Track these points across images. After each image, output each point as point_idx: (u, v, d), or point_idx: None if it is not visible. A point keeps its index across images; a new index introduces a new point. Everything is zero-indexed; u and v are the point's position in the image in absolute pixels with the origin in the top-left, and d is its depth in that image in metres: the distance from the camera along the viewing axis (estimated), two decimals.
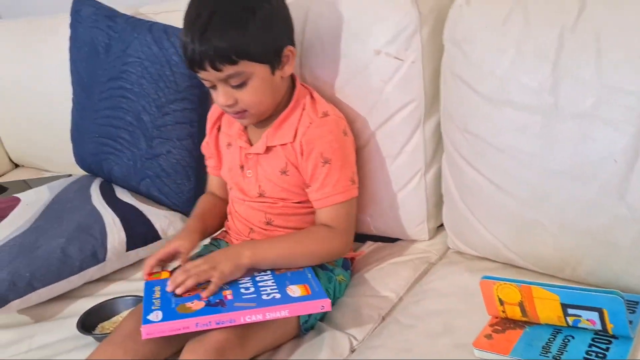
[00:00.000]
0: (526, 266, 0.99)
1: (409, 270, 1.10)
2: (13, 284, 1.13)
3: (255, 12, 0.97)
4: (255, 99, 1.01)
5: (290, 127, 1.05)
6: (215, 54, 0.95)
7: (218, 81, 0.99)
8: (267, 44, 0.99)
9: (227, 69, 0.96)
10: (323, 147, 1.02)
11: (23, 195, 1.44)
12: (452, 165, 1.05)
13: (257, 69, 0.99)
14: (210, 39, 0.94)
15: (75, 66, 1.47)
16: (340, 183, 1.03)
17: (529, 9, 0.92)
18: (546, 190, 0.91)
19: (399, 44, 1.06)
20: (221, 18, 0.95)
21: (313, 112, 1.05)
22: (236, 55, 0.96)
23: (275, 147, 1.06)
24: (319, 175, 1.02)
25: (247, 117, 1.04)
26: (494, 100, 0.94)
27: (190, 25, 0.97)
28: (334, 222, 1.03)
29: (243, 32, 0.95)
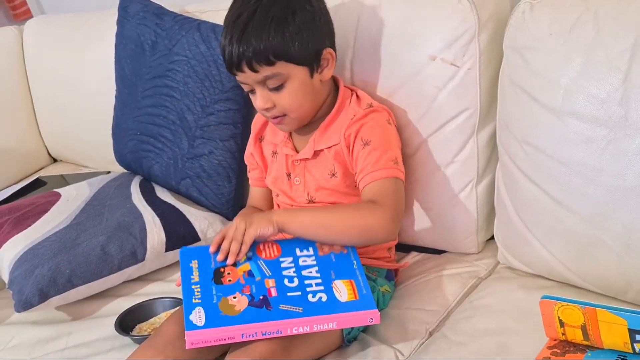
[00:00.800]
0: (585, 286, 0.95)
1: (457, 284, 1.06)
2: (53, 280, 1.12)
3: (295, 14, 0.96)
4: (294, 102, 0.99)
5: (337, 130, 1.04)
6: (252, 54, 0.94)
7: (256, 84, 0.98)
8: (306, 45, 0.98)
9: (264, 70, 0.96)
10: (363, 132, 1.00)
11: (63, 190, 1.44)
12: (508, 177, 1.01)
13: (295, 71, 0.97)
14: (248, 39, 0.94)
15: (119, 63, 1.46)
16: (381, 161, 0.98)
17: (599, 16, 0.87)
18: (611, 207, 0.86)
19: (456, 50, 1.02)
20: (261, 18, 0.95)
21: (357, 107, 1.04)
22: (274, 56, 0.95)
23: (322, 150, 1.04)
24: (360, 158, 1.00)
25: (286, 123, 1.03)
26: (557, 111, 0.90)
27: (230, 25, 0.97)
28: (376, 197, 0.96)
29: (282, 32, 0.95)
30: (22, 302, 1.11)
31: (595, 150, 0.86)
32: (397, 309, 1.04)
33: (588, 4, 0.89)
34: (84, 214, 1.30)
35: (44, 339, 1.12)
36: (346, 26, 1.12)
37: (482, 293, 1.02)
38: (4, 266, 1.21)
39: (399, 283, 1.11)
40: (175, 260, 1.27)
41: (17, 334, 1.15)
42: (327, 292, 0.89)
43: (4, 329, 1.18)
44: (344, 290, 0.90)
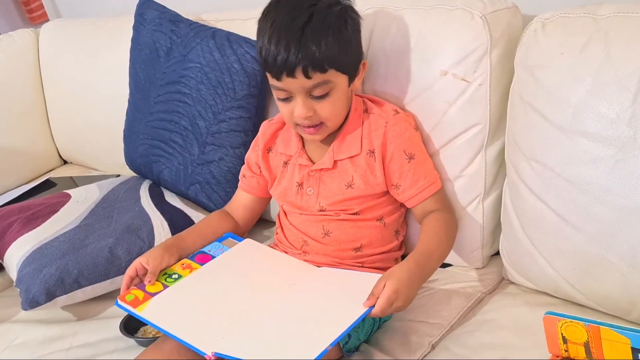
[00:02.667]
0: (589, 305, 0.95)
1: (461, 298, 1.07)
2: (61, 280, 1.13)
3: (347, 23, 0.98)
4: (334, 110, 1.01)
5: (354, 139, 1.05)
6: (310, 60, 0.93)
7: (300, 90, 0.97)
8: (354, 54, 1.00)
9: (316, 77, 0.95)
10: (404, 144, 1.03)
11: (73, 192, 1.45)
12: (515, 194, 1.01)
13: (340, 80, 0.99)
14: (307, 44, 0.93)
15: (134, 68, 1.48)
16: (430, 174, 1.05)
17: (610, 37, 0.88)
18: (617, 227, 0.86)
19: (467, 65, 1.03)
20: (318, 25, 0.94)
21: (384, 112, 1.05)
22: (328, 63, 0.95)
23: (342, 160, 1.05)
24: (408, 172, 1.03)
25: (321, 132, 1.03)
26: (566, 130, 0.91)
27: (281, 29, 0.94)
28: (439, 205, 1.04)
29: (338, 40, 0.95)
30: (29, 301, 1.12)
31: (603, 169, 0.87)
32: (400, 321, 1.04)
33: (599, 24, 0.90)
34: (93, 216, 1.31)
35: (49, 338, 1.13)
36: None
37: (486, 308, 1.02)
38: (12, 264, 1.22)
39: None
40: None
41: (22, 333, 1.16)
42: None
43: (9, 326, 1.19)
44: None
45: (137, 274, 1.02)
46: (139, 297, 0.94)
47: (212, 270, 1.03)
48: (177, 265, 1.03)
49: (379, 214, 1.07)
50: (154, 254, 1.03)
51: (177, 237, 1.12)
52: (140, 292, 0.96)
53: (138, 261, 1.02)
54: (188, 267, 1.02)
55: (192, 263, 1.04)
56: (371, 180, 1.05)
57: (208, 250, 1.07)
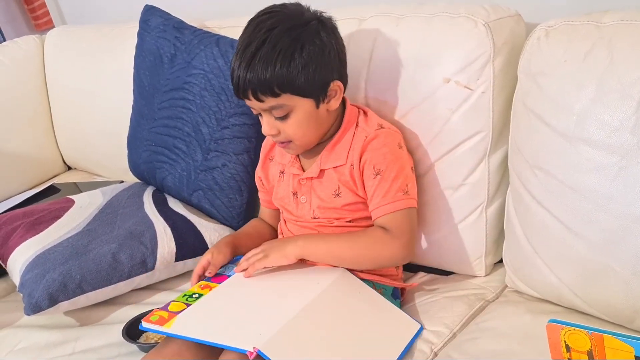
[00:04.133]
0: (592, 313, 0.94)
1: (464, 305, 1.06)
2: (64, 285, 1.14)
3: (303, 47, 0.97)
4: (299, 131, 1.01)
5: (342, 150, 1.05)
6: (258, 84, 0.96)
7: (262, 111, 1.01)
8: (312, 79, 0.98)
9: (269, 101, 0.98)
10: (375, 160, 1.02)
11: (77, 197, 1.46)
12: (518, 202, 1.01)
13: (300, 103, 0.99)
14: (255, 69, 0.95)
15: (138, 74, 1.49)
16: (389, 194, 1.01)
17: (613, 44, 0.88)
18: (621, 235, 0.86)
19: (470, 73, 1.03)
20: (269, 49, 0.95)
21: (367, 127, 1.05)
22: (278, 88, 0.96)
23: (328, 169, 1.06)
24: (371, 188, 1.02)
25: (292, 148, 1.05)
26: (570, 137, 0.90)
27: (240, 52, 0.98)
28: (389, 226, 1.01)
29: (287, 65, 0.96)
30: (32, 306, 1.12)
31: (607, 177, 0.87)
32: None
33: (602, 32, 0.91)
34: (96, 221, 1.32)
35: (51, 343, 1.13)
36: (362, 46, 1.14)
37: (489, 316, 1.02)
38: (15, 269, 1.22)
39: (406, 302, 1.11)
40: (185, 270, 1.28)
41: (25, 338, 1.16)
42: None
43: (12, 331, 1.19)
44: None
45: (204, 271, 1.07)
46: (164, 317, 0.94)
47: (232, 283, 1.03)
48: (195, 286, 1.04)
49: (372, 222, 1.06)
50: (219, 249, 1.10)
51: (234, 236, 1.18)
52: (165, 312, 0.95)
53: (205, 258, 1.08)
54: (207, 287, 1.03)
55: (210, 283, 1.04)
56: (355, 191, 1.05)
57: (222, 271, 1.07)
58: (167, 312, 0.95)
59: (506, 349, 0.91)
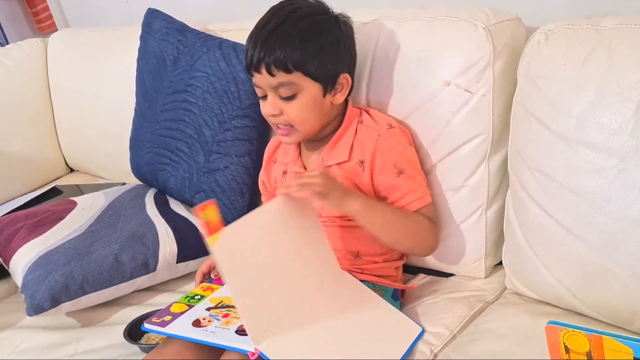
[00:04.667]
0: (591, 315, 0.95)
1: (464, 307, 1.07)
2: (66, 286, 1.14)
3: (322, 33, 1.00)
4: (302, 114, 1.02)
5: (344, 146, 1.06)
6: (273, 57, 0.97)
7: (269, 88, 1.01)
8: (325, 64, 1.01)
9: (280, 76, 0.99)
10: (394, 158, 1.03)
11: (79, 199, 1.46)
12: (518, 204, 1.02)
13: (309, 85, 1.01)
14: (272, 44, 0.98)
15: (141, 77, 1.50)
16: (419, 190, 1.04)
17: (613, 48, 0.89)
18: (620, 237, 0.87)
19: (471, 76, 1.04)
20: (288, 28, 0.98)
21: (377, 125, 1.06)
22: (292, 65, 0.98)
23: (331, 166, 1.06)
24: (396, 186, 1.03)
25: (291, 135, 1.05)
26: (569, 140, 0.91)
27: (257, 29, 1.01)
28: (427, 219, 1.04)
29: (304, 46, 0.98)
30: (34, 307, 1.13)
31: (606, 179, 0.87)
32: None
33: (602, 36, 0.91)
34: (98, 223, 1.32)
35: (53, 344, 1.14)
36: (364, 48, 1.15)
37: (488, 317, 1.02)
38: (18, 270, 1.23)
39: (405, 304, 1.12)
40: (187, 272, 1.29)
41: (26, 339, 1.17)
42: None
43: (14, 332, 1.20)
44: None
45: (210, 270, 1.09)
46: (166, 319, 0.95)
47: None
48: (198, 288, 1.05)
49: None
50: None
51: None
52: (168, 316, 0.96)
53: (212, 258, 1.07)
54: (209, 289, 1.04)
55: (212, 285, 1.06)
56: (359, 188, 1.05)
57: None
58: (169, 316, 0.96)
59: (505, 350, 0.91)
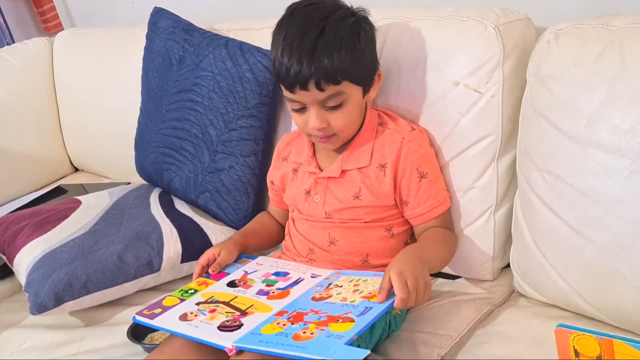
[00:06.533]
0: (601, 318, 0.93)
1: (471, 310, 1.05)
2: (69, 285, 1.13)
3: (360, 34, 0.99)
4: (348, 121, 1.01)
5: (365, 151, 1.05)
6: (323, 73, 0.94)
7: (313, 102, 0.98)
8: (368, 66, 1.01)
9: (329, 89, 0.96)
10: (417, 162, 1.03)
11: (84, 198, 1.46)
12: (527, 206, 1.00)
13: (354, 91, 1.00)
14: (320, 58, 0.93)
15: (147, 76, 1.49)
16: (440, 194, 1.05)
17: (624, 48, 0.88)
18: (630, 240, 0.85)
19: (480, 76, 1.03)
20: (331, 37, 0.95)
21: (400, 128, 1.05)
22: (341, 76, 0.96)
23: (351, 170, 1.05)
24: (418, 191, 1.03)
25: (333, 142, 1.04)
26: (579, 141, 0.90)
27: (294, 43, 0.95)
28: (446, 224, 1.07)
29: (351, 52, 0.96)
30: (38, 305, 1.12)
31: (617, 181, 0.86)
32: (408, 332, 1.03)
33: (613, 35, 0.90)
34: (103, 222, 1.32)
35: (56, 343, 1.13)
36: None
37: (497, 320, 1.01)
38: (22, 269, 1.22)
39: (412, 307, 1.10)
40: (191, 272, 1.27)
41: (30, 337, 1.16)
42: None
43: (17, 331, 1.19)
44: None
45: (209, 263, 1.08)
46: (156, 312, 0.96)
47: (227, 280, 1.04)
48: (193, 282, 1.05)
49: (388, 224, 1.07)
50: (227, 247, 1.10)
51: (243, 235, 1.17)
52: (158, 309, 0.96)
53: (211, 251, 1.09)
54: (204, 284, 1.04)
55: (208, 280, 1.05)
56: (379, 193, 1.04)
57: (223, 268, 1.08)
58: (160, 308, 0.97)
59: (514, 353, 0.90)
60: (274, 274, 1.05)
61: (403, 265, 0.87)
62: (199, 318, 0.93)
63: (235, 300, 0.98)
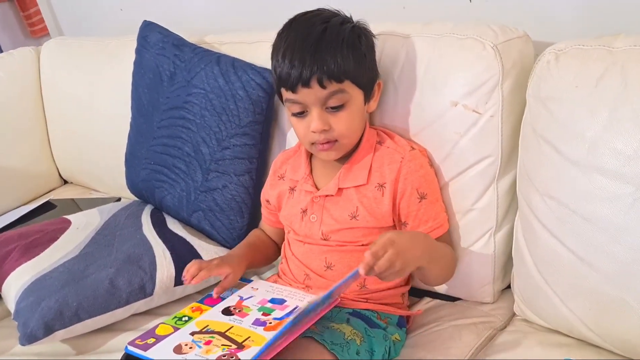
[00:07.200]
0: (605, 347, 0.91)
1: (472, 335, 1.03)
2: (60, 313, 1.10)
3: (361, 38, 1.00)
4: (350, 126, 1.00)
5: (362, 169, 1.03)
6: (326, 70, 0.94)
7: (315, 102, 0.97)
8: (370, 69, 1.01)
9: (331, 87, 0.95)
10: (417, 183, 1.01)
11: (73, 217, 1.42)
12: (528, 230, 0.98)
13: (356, 94, 0.99)
14: (322, 55, 0.94)
15: (137, 91, 1.46)
16: (440, 216, 1.03)
17: (627, 70, 0.85)
18: (635, 268, 0.83)
19: (479, 97, 1.01)
20: (333, 37, 0.96)
21: (399, 147, 1.04)
22: (344, 74, 0.96)
23: (348, 189, 1.03)
24: (417, 212, 1.01)
25: (334, 149, 1.02)
26: (582, 165, 0.88)
27: (295, 44, 0.96)
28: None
29: (353, 52, 0.97)
30: (27, 336, 1.09)
31: (621, 208, 0.84)
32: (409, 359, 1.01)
33: (615, 57, 0.88)
34: (93, 244, 1.29)
35: None
36: None
37: (499, 347, 0.99)
38: (10, 295, 1.19)
39: (411, 331, 1.09)
40: (184, 295, 1.25)
41: None
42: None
43: None
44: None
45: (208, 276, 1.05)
46: (149, 342, 0.93)
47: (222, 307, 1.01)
48: (186, 309, 1.02)
49: None
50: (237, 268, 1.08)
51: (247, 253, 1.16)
52: (152, 339, 0.94)
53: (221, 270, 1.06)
54: (198, 310, 1.01)
55: (202, 305, 1.02)
56: (377, 214, 1.02)
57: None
58: (153, 339, 0.94)
59: None
60: (270, 300, 1.02)
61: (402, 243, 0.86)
62: (194, 351, 0.91)
63: (231, 331, 0.95)
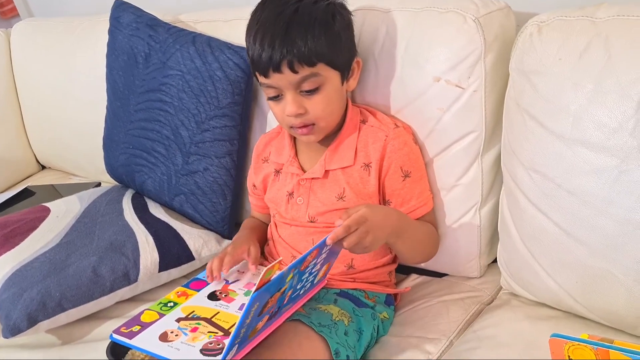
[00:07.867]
0: (593, 319, 0.92)
1: (460, 310, 1.04)
2: (43, 304, 1.08)
3: (335, 17, 0.96)
4: (327, 108, 0.97)
5: (348, 150, 1.02)
6: (296, 54, 0.91)
7: (289, 86, 0.95)
8: (344, 50, 0.98)
9: (303, 71, 0.93)
10: (401, 161, 1.00)
11: (53, 205, 1.39)
12: (513, 204, 0.98)
13: (331, 75, 0.96)
14: (292, 39, 0.91)
15: (111, 74, 1.42)
16: (423, 194, 1.02)
17: (611, 42, 0.84)
18: (622, 241, 0.83)
19: (461, 71, 0.99)
20: (305, 17, 0.93)
21: (383, 125, 1.02)
22: (316, 57, 0.93)
23: (334, 170, 1.01)
24: (401, 190, 1.00)
25: (314, 132, 0.99)
26: (567, 139, 0.87)
27: (266, 25, 0.93)
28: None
29: (325, 33, 0.93)
30: (10, 328, 1.07)
31: (606, 181, 0.84)
32: (397, 337, 1.01)
33: (598, 29, 0.87)
34: (74, 232, 1.26)
35: None
36: None
37: (487, 322, 0.99)
38: None
39: (399, 308, 1.09)
40: (169, 280, 1.24)
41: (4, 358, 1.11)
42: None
43: None
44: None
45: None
46: (134, 330, 0.91)
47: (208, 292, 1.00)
48: (172, 293, 1.00)
49: None
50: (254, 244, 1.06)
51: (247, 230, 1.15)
52: (137, 326, 0.92)
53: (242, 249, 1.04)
54: (183, 295, 0.99)
55: (187, 290, 1.00)
56: (363, 194, 1.01)
57: (202, 276, 1.04)
58: (139, 326, 0.92)
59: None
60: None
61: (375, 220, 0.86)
62: (180, 338, 0.90)
63: (217, 317, 0.94)
